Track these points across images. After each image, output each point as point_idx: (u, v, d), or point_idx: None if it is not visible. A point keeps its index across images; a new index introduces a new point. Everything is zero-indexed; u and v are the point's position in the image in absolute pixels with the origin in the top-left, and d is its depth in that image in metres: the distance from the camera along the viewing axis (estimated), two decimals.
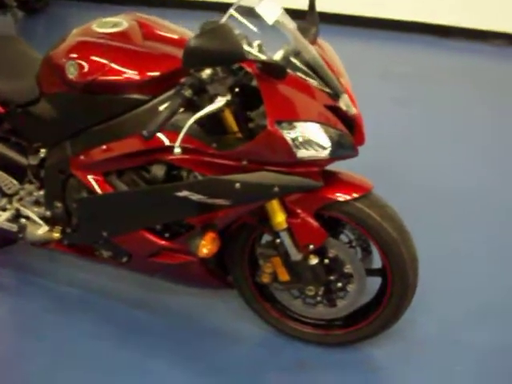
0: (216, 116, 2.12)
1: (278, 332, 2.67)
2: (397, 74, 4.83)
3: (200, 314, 2.82)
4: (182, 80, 2.04)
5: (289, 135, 2.05)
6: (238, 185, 2.12)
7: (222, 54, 1.90)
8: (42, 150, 2.61)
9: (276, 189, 2.14)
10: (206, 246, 2.25)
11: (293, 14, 2.25)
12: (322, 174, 2.21)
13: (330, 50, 2.32)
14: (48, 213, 2.66)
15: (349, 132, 2.16)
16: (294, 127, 2.06)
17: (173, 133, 2.11)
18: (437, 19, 5.43)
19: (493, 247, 3.20)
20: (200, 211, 2.24)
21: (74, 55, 2.30)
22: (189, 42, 1.87)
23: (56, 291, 2.97)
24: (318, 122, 2.08)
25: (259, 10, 2.09)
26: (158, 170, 2.29)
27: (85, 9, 6.35)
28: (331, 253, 2.40)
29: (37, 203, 2.73)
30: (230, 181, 2.13)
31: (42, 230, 2.67)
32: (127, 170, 2.39)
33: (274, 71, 2.03)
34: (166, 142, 2.17)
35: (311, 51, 2.17)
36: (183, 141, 2.01)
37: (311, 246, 2.32)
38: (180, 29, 2.49)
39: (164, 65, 2.25)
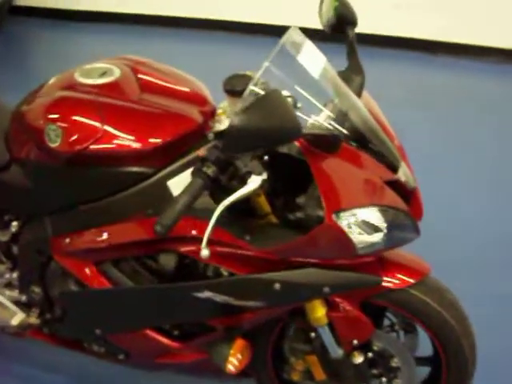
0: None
1: None
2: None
3: None
4: (202, 152, 1.50)
5: (348, 227, 1.52)
6: (277, 285, 1.60)
7: (277, 133, 1.37)
8: (14, 224, 2.01)
9: (326, 289, 1.62)
10: (236, 358, 1.72)
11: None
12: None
13: (372, 102, 1.80)
14: (23, 297, 2.07)
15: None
16: (353, 215, 1.53)
17: (190, 218, 1.56)
18: (424, 35, 4.96)
19: None
20: (224, 313, 1.70)
21: (56, 117, 1.72)
22: (233, 122, 1.35)
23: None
24: (378, 206, 1.56)
25: (302, 59, 1.55)
26: (169, 261, 1.74)
27: (48, 27, 5.65)
28: (377, 346, 1.91)
29: (9, 286, 2.12)
30: (268, 280, 1.61)
31: (17, 318, 2.08)
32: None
33: (326, 143, 1.50)
34: (182, 232, 1.61)
35: (362, 111, 1.64)
36: None
37: (355, 342, 1.81)
38: (183, 74, 1.93)
39: (172, 128, 1.70)
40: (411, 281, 1.77)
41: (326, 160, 1.51)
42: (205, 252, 1.44)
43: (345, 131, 1.55)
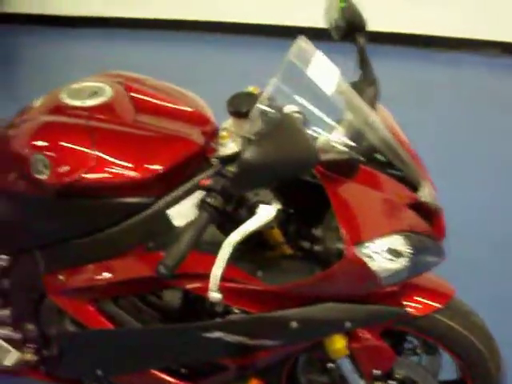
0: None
1: None
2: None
3: None
4: (206, 181, 1.33)
5: (369, 257, 1.36)
6: (293, 324, 1.44)
7: (294, 164, 1.22)
8: (3, 257, 1.84)
9: (348, 324, 1.47)
10: None
11: None
12: None
13: (388, 115, 1.64)
14: (17, 335, 1.91)
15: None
16: (375, 245, 1.37)
17: (196, 253, 1.40)
18: (422, 29, 4.80)
19: None
20: (237, 353, 1.54)
21: (43, 145, 1.54)
22: (244, 156, 1.18)
23: None
24: (401, 232, 1.40)
25: (312, 72, 1.39)
26: (173, 297, 1.58)
27: (29, 33, 5.45)
28: (399, 374, 1.76)
29: (1, 323, 1.96)
30: (283, 319, 1.45)
31: (11, 357, 1.92)
32: None
33: (343, 167, 1.34)
34: (188, 269, 1.45)
35: (379, 127, 1.48)
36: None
37: (377, 372, 1.65)
38: (180, 90, 1.77)
39: (171, 152, 1.54)
40: (436, 305, 1.62)
41: (344, 186, 1.36)
42: (215, 295, 1.28)
43: (360, 154, 1.40)
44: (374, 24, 1.67)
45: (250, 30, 5.24)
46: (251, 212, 1.34)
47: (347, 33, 1.64)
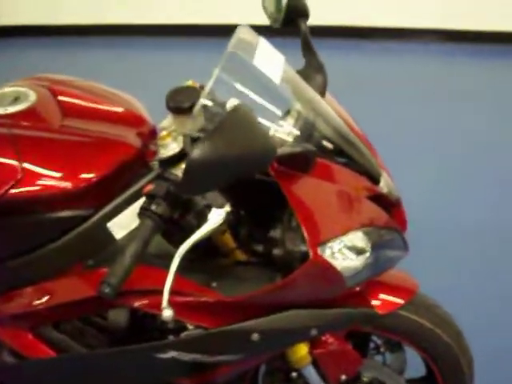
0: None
1: None
2: None
3: None
4: (149, 188, 1.19)
5: (332, 257, 1.24)
6: (255, 336, 1.31)
7: (250, 160, 1.08)
8: None
9: (314, 331, 1.35)
10: None
11: None
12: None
13: (337, 104, 1.52)
14: None
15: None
16: (338, 243, 1.25)
17: (142, 267, 1.25)
18: (357, 21, 4.73)
19: None
20: (195, 372, 1.39)
21: None
22: (193, 156, 1.03)
23: None
24: (363, 228, 1.29)
25: (256, 61, 1.26)
26: (120, 316, 1.42)
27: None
28: (366, 377, 1.66)
29: None
30: (243, 332, 1.31)
31: None
32: None
33: (299, 161, 1.21)
34: (134, 285, 1.29)
35: (331, 116, 1.36)
36: None
37: (343, 377, 1.53)
38: (111, 91, 1.61)
39: (106, 158, 1.38)
40: (400, 301, 1.52)
41: (300, 182, 1.24)
42: (167, 313, 1.14)
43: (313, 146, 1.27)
44: None
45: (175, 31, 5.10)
46: (200, 217, 1.20)
47: (289, 19, 1.51)
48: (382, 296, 1.50)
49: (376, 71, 4.37)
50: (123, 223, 1.34)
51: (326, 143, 1.31)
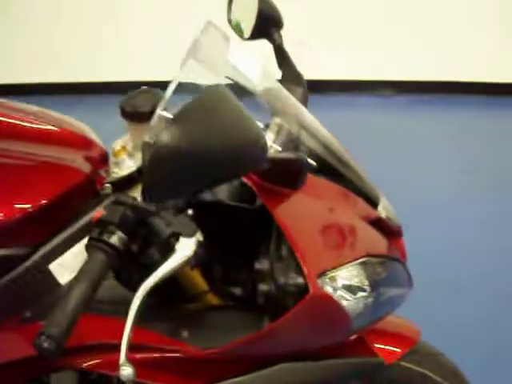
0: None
1: None
2: None
3: None
4: (99, 214, 0.92)
5: (338, 294, 0.99)
6: None
7: (235, 154, 0.82)
8: None
9: None
10: None
11: None
12: None
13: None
14: None
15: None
16: (341, 275, 1.00)
17: (92, 317, 0.97)
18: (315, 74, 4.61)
19: None
20: None
21: None
22: (159, 140, 0.77)
23: None
24: (368, 258, 1.04)
25: (233, 57, 1.03)
26: (65, 379, 1.11)
27: None
28: None
29: None
30: None
31: None
32: None
33: (288, 175, 0.97)
34: (83, 339, 1.00)
35: (320, 131, 1.13)
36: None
37: None
38: (54, 113, 1.34)
39: (47, 185, 1.10)
40: (399, 351, 1.26)
41: (292, 200, 0.99)
42: (126, 371, 0.85)
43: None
44: None
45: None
46: (166, 249, 0.94)
47: (261, 29, 1.30)
48: (380, 345, 1.24)
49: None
50: (69, 264, 1.06)
51: (314, 160, 1.07)
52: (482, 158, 3.76)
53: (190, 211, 0.99)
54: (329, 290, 0.97)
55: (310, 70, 1.52)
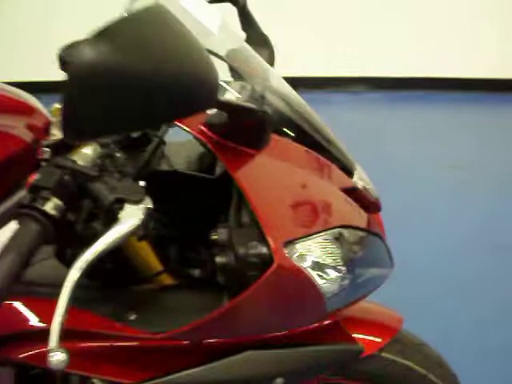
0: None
1: None
2: None
3: None
4: (33, 180, 0.78)
5: (309, 267, 0.85)
6: None
7: (177, 82, 0.67)
8: None
9: (279, 381, 0.92)
10: None
11: None
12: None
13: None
14: None
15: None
16: (310, 245, 0.86)
17: (26, 299, 0.84)
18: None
19: None
20: None
21: None
22: (79, 55, 0.62)
23: None
24: (342, 228, 0.91)
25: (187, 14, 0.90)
26: (2, 376, 0.97)
27: None
28: None
29: None
30: None
31: None
32: None
33: (248, 133, 0.83)
34: (13, 327, 0.86)
35: (290, 93, 1.01)
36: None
37: None
38: None
39: None
40: (380, 341, 1.13)
41: (255, 161, 0.85)
42: (56, 357, 0.71)
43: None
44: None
45: None
46: (108, 218, 0.80)
47: None
48: (359, 335, 1.11)
49: None
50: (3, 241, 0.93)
51: (281, 122, 0.95)
52: (463, 152, 3.69)
53: (141, 183, 0.86)
54: (298, 259, 0.83)
55: (284, 67, 1.43)
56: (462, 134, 3.93)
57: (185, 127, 0.82)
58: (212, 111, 0.83)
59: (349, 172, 1.01)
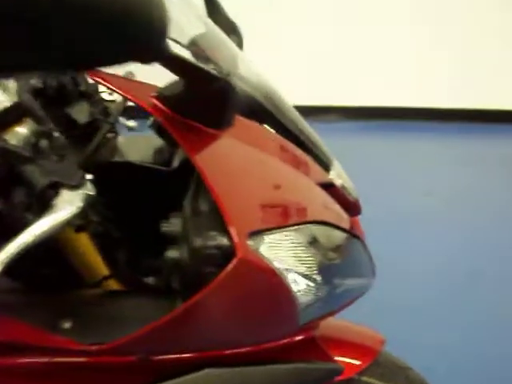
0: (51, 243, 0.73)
1: None
2: None
3: None
4: None
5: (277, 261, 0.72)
6: None
7: (119, 23, 0.46)
8: None
9: None
10: None
11: None
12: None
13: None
14: None
15: None
16: (278, 240, 0.73)
17: None
18: None
19: None
20: None
21: None
22: None
23: None
24: (315, 224, 0.78)
25: None
26: None
27: None
28: None
29: None
30: None
31: None
32: None
33: (211, 111, 0.70)
34: None
35: (261, 76, 0.89)
36: None
37: None
38: None
39: None
40: (359, 364, 1.00)
41: (217, 143, 0.71)
42: None
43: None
44: None
45: None
46: (41, 205, 0.67)
47: None
48: (337, 357, 0.98)
49: None
50: None
51: (249, 106, 0.82)
52: (438, 181, 3.63)
53: (89, 176, 0.73)
54: (265, 252, 0.70)
55: None
56: (436, 163, 3.88)
57: (131, 97, 0.69)
58: (166, 83, 0.71)
59: (325, 167, 0.89)
